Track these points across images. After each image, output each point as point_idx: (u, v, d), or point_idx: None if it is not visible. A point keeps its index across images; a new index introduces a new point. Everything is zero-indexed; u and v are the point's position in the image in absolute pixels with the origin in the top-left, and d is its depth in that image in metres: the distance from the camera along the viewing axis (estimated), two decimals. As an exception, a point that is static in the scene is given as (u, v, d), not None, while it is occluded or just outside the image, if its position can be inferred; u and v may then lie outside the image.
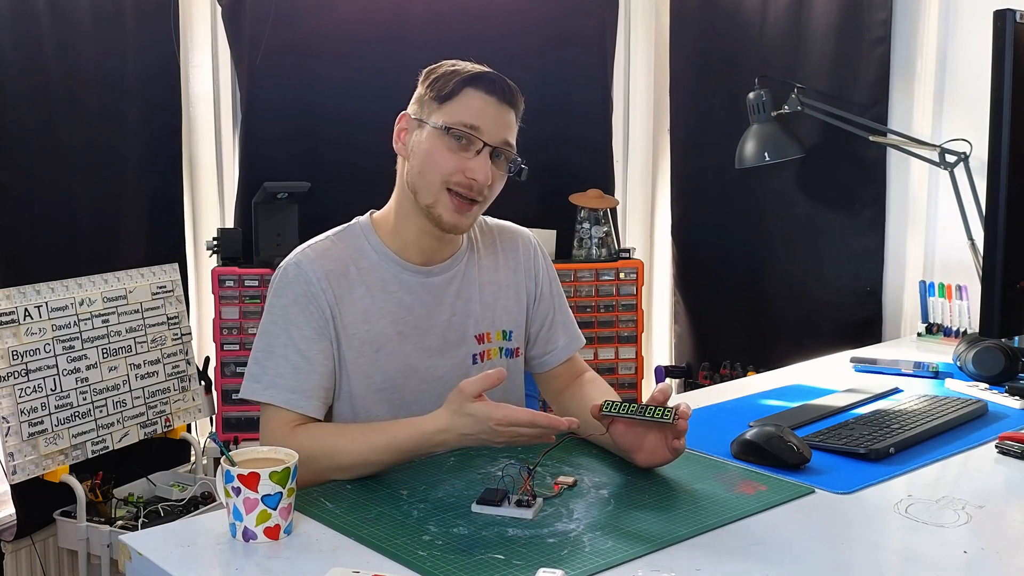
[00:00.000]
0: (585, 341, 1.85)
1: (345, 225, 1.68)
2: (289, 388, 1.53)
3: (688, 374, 3.42)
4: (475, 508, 1.33)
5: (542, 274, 1.79)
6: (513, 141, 1.61)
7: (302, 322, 1.55)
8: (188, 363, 2.98)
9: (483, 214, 1.79)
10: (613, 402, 1.46)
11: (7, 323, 2.47)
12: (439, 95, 1.57)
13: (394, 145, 1.64)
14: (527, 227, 1.84)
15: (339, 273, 1.59)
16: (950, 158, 2.53)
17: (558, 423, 1.37)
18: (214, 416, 3.07)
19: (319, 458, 1.45)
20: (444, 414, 1.42)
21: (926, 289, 2.59)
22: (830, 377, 2.15)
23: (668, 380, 3.34)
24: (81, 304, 2.67)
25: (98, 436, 2.69)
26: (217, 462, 2.71)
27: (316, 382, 1.55)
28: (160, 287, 2.91)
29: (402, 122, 1.63)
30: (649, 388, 3.47)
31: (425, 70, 1.64)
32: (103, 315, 2.73)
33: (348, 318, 1.58)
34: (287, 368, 1.54)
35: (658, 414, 1.41)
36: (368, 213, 1.70)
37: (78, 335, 2.66)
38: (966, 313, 2.50)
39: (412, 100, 1.64)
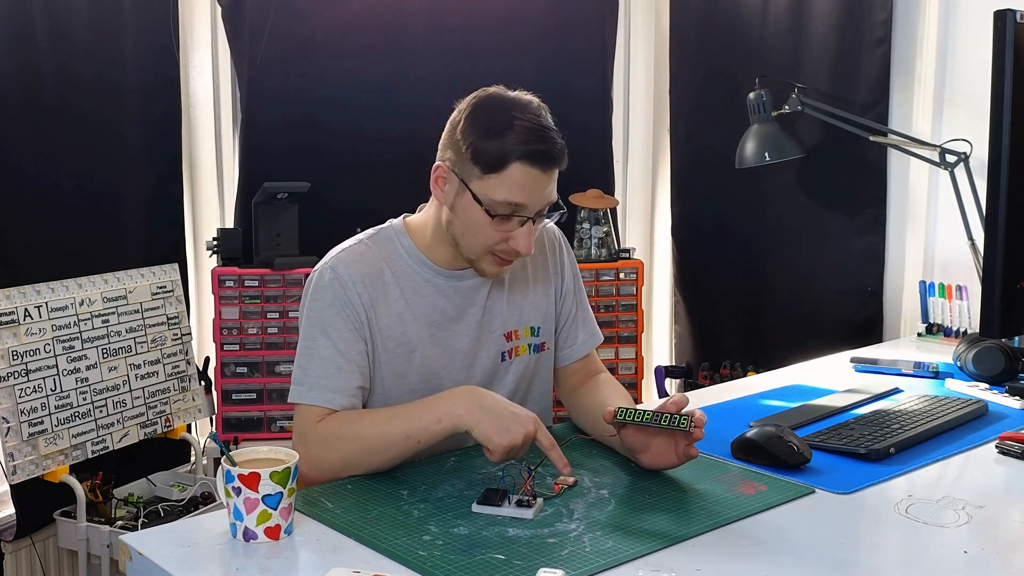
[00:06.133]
0: (603, 338, 1.86)
1: (377, 228, 1.69)
2: (331, 388, 1.55)
3: (688, 374, 3.42)
4: (475, 508, 1.33)
5: (567, 270, 1.80)
6: (555, 194, 1.56)
7: (340, 324, 1.57)
8: (188, 363, 2.98)
9: None
10: (627, 409, 1.45)
11: (7, 323, 2.47)
12: (484, 165, 1.51)
13: (431, 187, 1.60)
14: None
15: (374, 276, 1.60)
16: (950, 158, 2.53)
17: (561, 468, 1.42)
18: (214, 416, 3.07)
19: (348, 437, 1.49)
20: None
21: (926, 289, 2.59)
22: (830, 377, 2.15)
23: (683, 393, 3.32)
24: (81, 304, 2.67)
25: (98, 436, 2.69)
26: (217, 462, 2.71)
27: (357, 382, 1.57)
28: (160, 287, 2.91)
29: (439, 171, 1.58)
30: (649, 388, 3.46)
31: (464, 112, 1.55)
32: (103, 315, 2.73)
33: (384, 320, 1.60)
34: (330, 369, 1.55)
35: (674, 421, 1.41)
36: (401, 217, 1.70)
37: (78, 335, 2.65)
38: (966, 313, 2.49)
39: (448, 142, 1.56)
